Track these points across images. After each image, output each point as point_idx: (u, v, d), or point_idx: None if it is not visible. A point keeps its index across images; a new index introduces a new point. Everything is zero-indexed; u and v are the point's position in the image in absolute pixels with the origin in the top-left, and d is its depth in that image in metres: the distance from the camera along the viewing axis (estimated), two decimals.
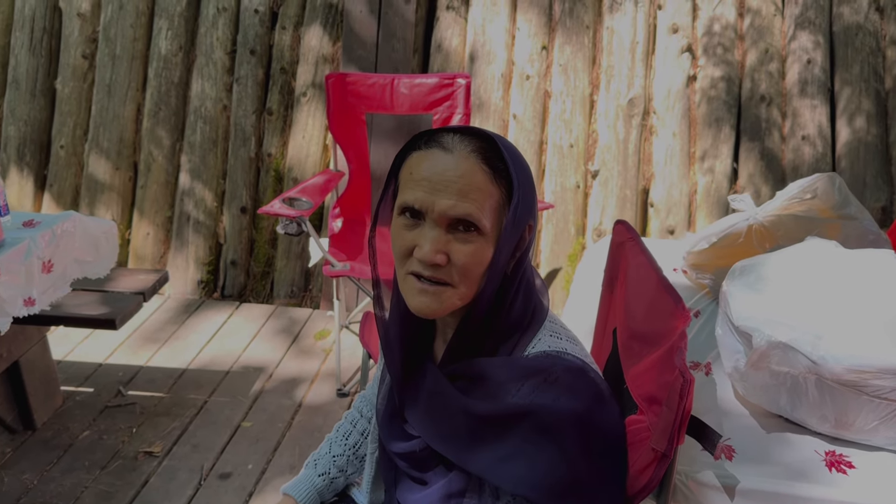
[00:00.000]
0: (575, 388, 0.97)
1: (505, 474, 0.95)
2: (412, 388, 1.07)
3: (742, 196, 1.56)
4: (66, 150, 3.49)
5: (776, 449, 1.04)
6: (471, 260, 0.95)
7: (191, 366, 2.83)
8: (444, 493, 1.04)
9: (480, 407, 0.98)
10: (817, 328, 1.00)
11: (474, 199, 0.94)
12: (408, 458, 1.09)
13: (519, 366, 0.99)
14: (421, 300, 0.96)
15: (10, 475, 2.22)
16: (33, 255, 1.79)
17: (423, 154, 0.97)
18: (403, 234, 0.97)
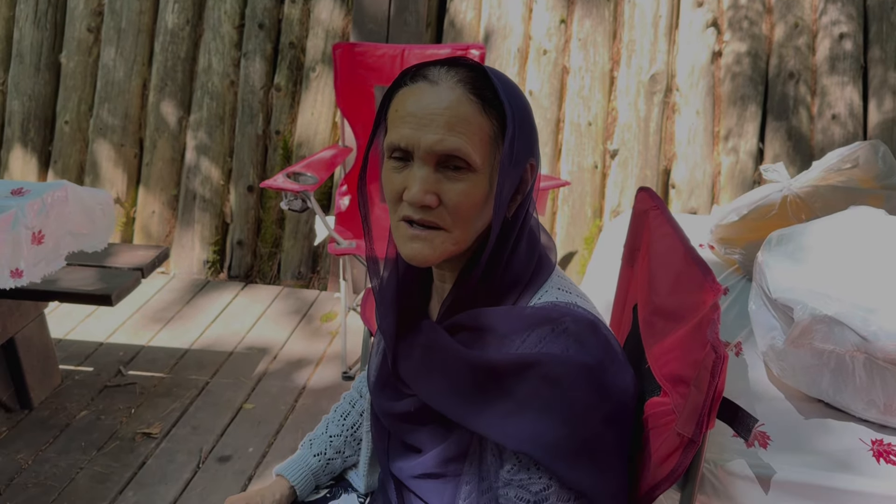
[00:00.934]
0: (586, 341, 0.88)
1: (510, 431, 0.86)
2: (406, 345, 0.98)
3: (775, 166, 1.44)
4: (71, 126, 3.42)
5: (816, 436, 0.93)
6: (463, 200, 0.87)
7: (193, 346, 2.75)
8: (440, 458, 0.95)
9: (483, 357, 0.89)
10: (868, 301, 0.89)
11: (462, 133, 0.85)
12: (401, 419, 0.99)
13: (525, 315, 0.90)
14: (413, 246, 0.88)
15: (5, 454, 2.16)
16: (20, 225, 1.71)
17: (409, 89, 0.89)
18: (393, 177, 0.89)
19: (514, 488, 0.87)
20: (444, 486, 0.95)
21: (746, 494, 0.88)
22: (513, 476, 0.87)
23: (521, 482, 0.86)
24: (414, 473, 0.97)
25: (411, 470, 0.98)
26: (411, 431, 0.99)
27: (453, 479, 0.94)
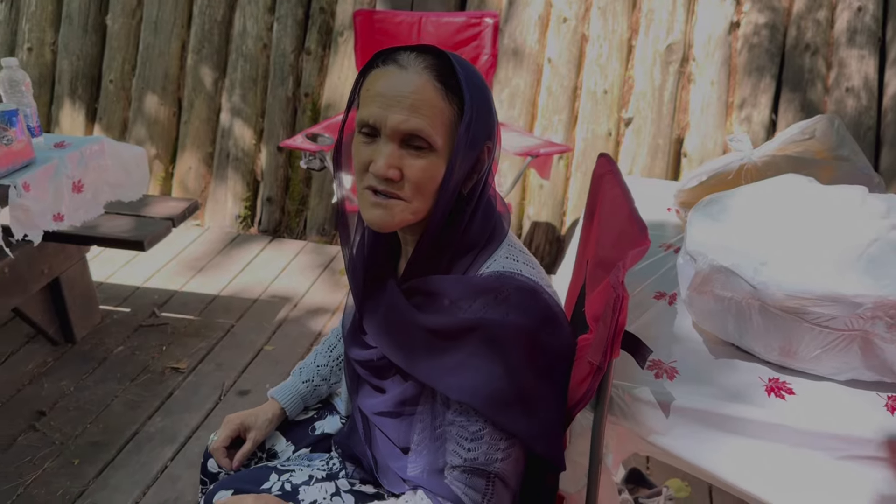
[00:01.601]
0: (524, 307, 1.01)
1: (451, 383, 1.01)
2: (372, 302, 1.12)
3: (740, 136, 1.54)
4: (115, 85, 3.64)
5: (720, 373, 1.06)
6: (422, 175, 0.98)
7: (222, 293, 2.97)
8: (398, 399, 1.11)
9: (431, 321, 1.03)
10: (762, 255, 1.00)
11: (425, 115, 0.96)
12: (367, 366, 1.15)
13: (472, 284, 1.03)
14: (374, 213, 1.00)
15: (50, 381, 2.41)
16: (62, 175, 1.92)
17: (380, 71, 0.99)
18: (361, 149, 1.00)
19: (455, 427, 1.02)
20: (400, 423, 1.11)
21: (649, 417, 1.02)
22: (455, 417, 1.02)
23: (461, 423, 1.01)
24: (376, 410, 1.14)
25: (375, 407, 1.14)
26: (375, 376, 1.15)
27: (408, 417, 1.10)
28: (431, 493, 1.03)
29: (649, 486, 1.92)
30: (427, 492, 1.04)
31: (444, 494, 1.02)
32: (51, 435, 2.18)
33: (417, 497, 1.04)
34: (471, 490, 1.01)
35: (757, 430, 1.00)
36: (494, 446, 1.00)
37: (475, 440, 1.01)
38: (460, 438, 1.02)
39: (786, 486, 0.98)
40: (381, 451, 1.15)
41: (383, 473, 1.15)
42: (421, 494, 1.04)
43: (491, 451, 1.00)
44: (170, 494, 1.98)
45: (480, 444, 1.00)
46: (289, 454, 1.33)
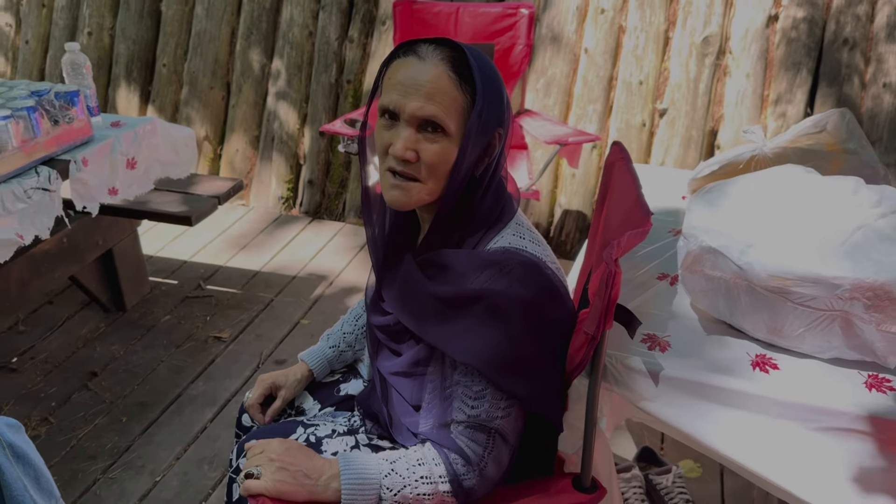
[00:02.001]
0: (527, 280, 1.10)
1: (456, 346, 1.11)
2: (391, 273, 1.24)
3: (754, 128, 1.60)
4: (168, 69, 3.81)
5: (710, 348, 1.14)
6: (436, 158, 1.08)
7: (263, 269, 3.12)
8: (412, 360, 1.22)
9: (441, 290, 1.13)
10: (751, 238, 1.07)
11: (440, 102, 1.06)
12: (385, 330, 1.26)
13: (479, 257, 1.13)
14: (393, 193, 1.11)
15: (102, 346, 2.59)
16: (117, 152, 2.07)
17: (401, 62, 1.09)
18: (382, 133, 1.11)
19: (461, 387, 1.12)
20: (413, 382, 1.22)
21: (640, 384, 1.11)
22: (460, 378, 1.12)
23: (465, 383, 1.12)
24: (392, 371, 1.25)
25: (391, 368, 1.25)
26: (392, 340, 1.26)
27: (420, 377, 1.21)
28: (438, 444, 1.14)
29: (660, 464, 2.00)
30: (434, 444, 1.15)
31: (450, 446, 1.12)
32: (101, 394, 2.36)
33: (425, 448, 1.15)
34: (473, 443, 1.12)
35: (740, 401, 1.07)
36: (496, 405, 1.10)
37: (478, 399, 1.11)
38: (465, 397, 1.12)
39: (765, 452, 1.06)
40: (396, 409, 1.26)
41: (397, 429, 1.26)
42: (428, 446, 1.15)
43: (492, 409, 1.10)
44: (208, 452, 2.13)
45: (483, 402, 1.10)
46: (315, 412, 1.46)
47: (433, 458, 1.13)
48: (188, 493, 1.98)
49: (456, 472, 1.12)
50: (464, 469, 1.12)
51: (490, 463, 1.13)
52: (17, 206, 1.78)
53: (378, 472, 1.10)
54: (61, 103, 1.93)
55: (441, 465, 1.12)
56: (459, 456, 1.12)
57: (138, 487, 2.00)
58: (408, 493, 1.10)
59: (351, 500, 1.08)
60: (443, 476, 1.12)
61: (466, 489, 1.13)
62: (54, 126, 1.92)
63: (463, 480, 1.12)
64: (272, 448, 1.12)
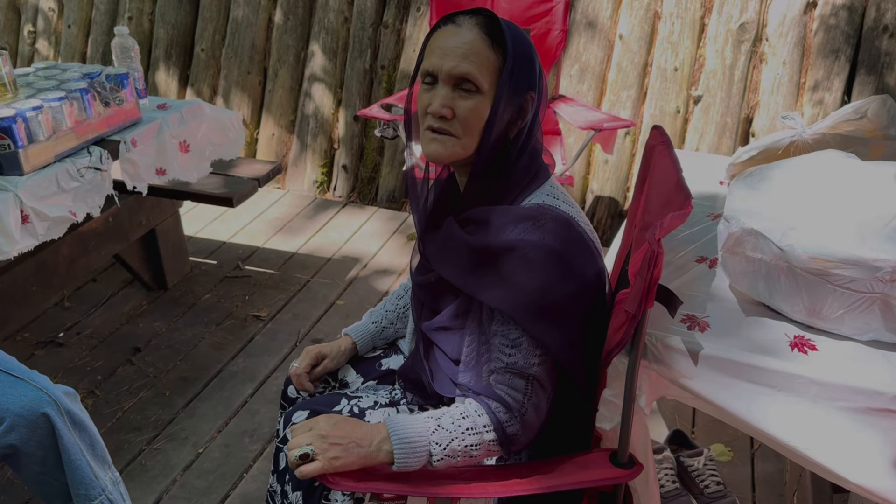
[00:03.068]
0: (559, 234, 1.17)
1: (490, 294, 1.17)
2: (433, 234, 1.30)
3: (793, 114, 1.61)
4: (206, 53, 3.88)
5: (749, 329, 1.16)
6: (470, 114, 1.15)
7: (299, 251, 3.19)
8: (451, 314, 1.28)
9: (477, 242, 1.20)
10: (792, 220, 1.09)
11: (473, 61, 1.14)
12: (426, 287, 1.32)
13: (514, 212, 1.19)
14: (431, 146, 1.18)
15: (145, 322, 2.67)
16: (165, 133, 2.13)
17: (441, 30, 1.18)
18: (423, 96, 1.19)
19: (498, 336, 1.18)
20: (453, 335, 1.27)
21: (679, 363, 1.13)
22: (497, 328, 1.18)
23: (502, 332, 1.17)
24: (433, 327, 1.31)
25: (432, 324, 1.31)
26: (434, 298, 1.32)
27: (459, 331, 1.26)
28: (479, 395, 1.19)
29: (691, 447, 2.03)
30: (475, 395, 1.19)
31: (490, 395, 1.18)
32: (145, 369, 2.44)
33: (467, 402, 1.19)
34: (512, 390, 1.17)
35: (778, 381, 1.10)
36: (532, 352, 1.16)
37: (514, 346, 1.16)
38: (502, 346, 1.18)
39: (802, 431, 1.08)
40: (438, 364, 1.32)
41: (439, 382, 1.32)
42: (469, 400, 1.20)
43: (529, 356, 1.16)
44: (249, 426, 2.19)
45: (519, 349, 1.16)
46: (358, 385, 1.51)
47: (476, 410, 1.18)
48: (230, 465, 2.05)
49: (499, 419, 1.17)
50: (506, 416, 1.17)
51: (530, 409, 1.18)
52: (70, 184, 1.85)
53: (425, 429, 1.15)
54: (111, 85, 1.99)
55: (484, 415, 1.17)
56: (500, 404, 1.17)
57: (182, 458, 2.08)
58: (456, 446, 1.15)
59: (404, 460, 1.13)
60: (487, 426, 1.17)
61: (510, 436, 1.18)
62: (105, 108, 1.99)
63: (507, 427, 1.17)
64: (320, 426, 1.16)
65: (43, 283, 2.27)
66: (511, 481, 1.20)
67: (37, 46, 4.27)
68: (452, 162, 1.21)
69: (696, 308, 1.22)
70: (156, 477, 2.02)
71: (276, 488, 1.40)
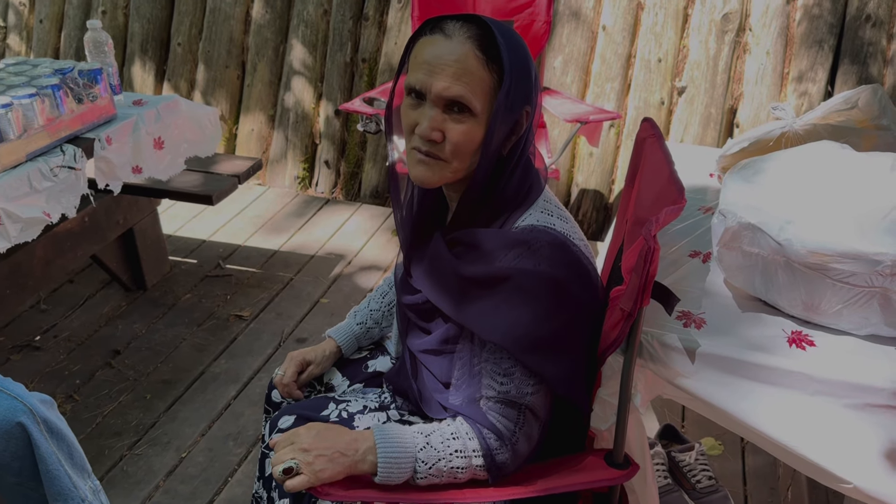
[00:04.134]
0: (555, 259, 1.10)
1: (484, 325, 1.12)
2: (419, 252, 1.24)
3: (783, 104, 1.59)
4: (183, 48, 3.80)
5: (745, 325, 1.14)
6: (462, 138, 1.07)
7: (282, 248, 3.13)
8: (441, 338, 1.22)
9: (469, 269, 1.13)
10: (789, 214, 1.07)
11: (466, 83, 1.05)
12: (414, 309, 1.27)
13: (507, 236, 1.13)
14: (418, 170, 1.11)
15: (124, 324, 2.61)
16: (141, 130, 2.07)
17: (428, 39, 1.08)
18: (409, 112, 1.10)
19: (490, 364, 1.13)
20: (443, 359, 1.22)
21: (676, 361, 1.11)
22: (490, 355, 1.13)
23: (494, 360, 1.12)
24: (422, 349, 1.25)
25: (421, 346, 1.26)
26: (422, 319, 1.26)
27: (449, 355, 1.21)
28: (470, 419, 1.15)
29: (682, 441, 2.01)
30: (466, 418, 1.15)
31: (482, 421, 1.13)
32: (125, 372, 2.38)
33: (457, 422, 1.15)
34: (504, 419, 1.13)
35: (777, 377, 1.08)
36: (525, 382, 1.11)
37: (507, 376, 1.12)
38: (494, 374, 1.13)
39: (801, 429, 1.06)
40: (426, 385, 1.27)
41: (427, 404, 1.27)
42: (461, 420, 1.16)
43: (522, 385, 1.11)
44: (233, 429, 2.15)
45: (512, 379, 1.11)
46: (344, 388, 1.47)
47: (466, 433, 1.14)
48: (214, 469, 2.01)
49: (489, 446, 1.13)
50: (496, 444, 1.13)
51: (521, 438, 1.14)
52: (43, 184, 1.79)
53: (413, 445, 1.11)
54: (85, 81, 1.93)
55: (475, 439, 1.13)
56: (492, 431, 1.13)
57: (165, 463, 2.03)
58: (442, 467, 1.12)
59: (387, 473, 1.10)
60: (476, 451, 1.13)
61: (499, 464, 1.14)
62: (78, 104, 1.92)
63: (496, 455, 1.13)
64: (302, 438, 1.11)
65: (17, 285, 2.21)
66: (505, 486, 1.17)
67: (8, 42, 4.17)
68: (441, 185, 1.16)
69: (691, 304, 1.19)
70: (138, 483, 1.96)
71: (261, 494, 1.36)
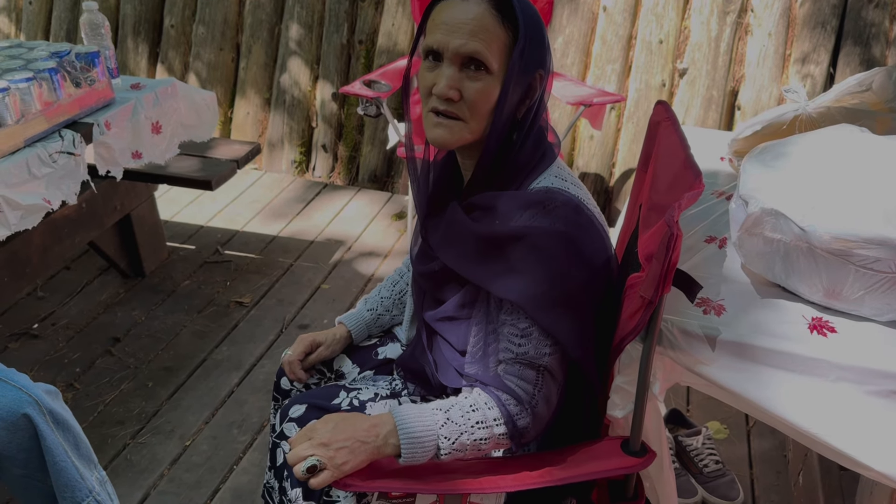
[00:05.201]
0: (570, 219, 1.11)
1: (499, 284, 1.12)
2: (436, 220, 1.24)
3: (796, 86, 1.57)
4: (176, 30, 3.74)
5: (765, 311, 1.13)
6: (479, 96, 1.08)
7: (281, 234, 3.10)
8: (457, 304, 1.23)
9: (484, 229, 1.14)
10: (813, 200, 1.05)
11: (482, 39, 1.06)
12: (429, 277, 1.26)
13: (522, 197, 1.13)
14: (436, 132, 1.11)
15: (123, 311, 2.58)
16: (140, 115, 2.03)
17: (445, 3, 1.10)
18: (426, 75, 1.11)
19: (507, 326, 1.13)
20: (458, 325, 1.22)
21: (696, 349, 1.10)
22: (506, 317, 1.13)
23: (511, 322, 1.12)
24: (437, 317, 1.25)
25: (436, 315, 1.25)
26: (437, 287, 1.26)
27: (465, 321, 1.21)
28: (488, 387, 1.14)
29: (689, 426, 2.01)
30: (483, 386, 1.15)
31: (500, 387, 1.13)
32: (125, 359, 2.36)
33: (475, 393, 1.15)
34: (522, 381, 1.12)
35: (797, 364, 1.06)
36: (542, 342, 1.11)
37: (524, 336, 1.11)
38: (511, 335, 1.13)
39: (824, 416, 1.05)
40: (443, 354, 1.27)
41: (443, 373, 1.27)
42: (478, 391, 1.15)
43: (540, 346, 1.11)
44: (237, 416, 2.13)
45: (530, 339, 1.11)
46: (354, 375, 1.45)
47: (485, 402, 1.13)
48: (219, 457, 1.99)
49: (510, 412, 1.13)
50: (517, 409, 1.13)
51: (541, 400, 1.13)
52: (43, 170, 1.76)
53: (434, 422, 1.10)
54: (82, 65, 1.89)
55: (494, 407, 1.13)
56: (511, 396, 1.13)
57: (169, 452, 2.01)
58: (465, 440, 1.11)
59: (411, 454, 1.08)
60: (497, 419, 1.12)
61: (521, 429, 1.13)
62: (76, 88, 1.88)
63: (517, 420, 1.13)
64: (319, 433, 1.08)
65: (14, 273, 2.17)
66: (522, 474, 1.16)
67: None
68: (458, 147, 1.15)
69: (709, 291, 1.18)
70: (142, 472, 1.95)
71: (273, 485, 1.34)
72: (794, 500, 1.82)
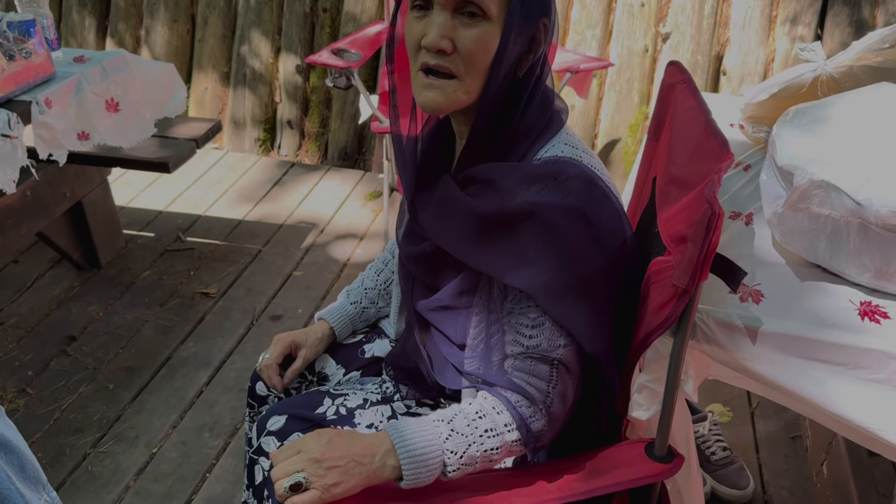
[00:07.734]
0: (584, 194, 0.96)
1: (505, 270, 0.97)
2: (426, 195, 1.07)
3: (812, 45, 1.43)
4: (126, 1, 3.48)
5: (808, 297, 1.00)
6: (475, 46, 0.92)
7: (247, 217, 2.91)
8: (454, 291, 1.07)
9: (486, 206, 0.98)
10: (867, 170, 0.92)
11: None
12: (420, 260, 1.10)
13: (528, 170, 0.98)
14: (427, 95, 0.96)
15: (78, 307, 2.38)
16: (86, 90, 1.82)
17: None
18: (413, 26, 0.96)
19: (515, 315, 0.99)
20: (456, 316, 1.07)
21: (734, 342, 0.96)
22: (514, 305, 0.99)
23: (520, 311, 0.98)
24: (431, 307, 1.09)
25: (429, 304, 1.10)
26: (429, 272, 1.10)
27: (464, 310, 1.05)
28: (495, 388, 1.00)
29: (694, 411, 1.90)
30: (489, 389, 1.01)
31: (509, 387, 0.99)
32: (83, 360, 2.17)
33: (480, 397, 1.00)
34: (534, 378, 0.98)
35: (849, 356, 0.94)
36: (556, 333, 0.97)
37: (536, 327, 0.97)
38: (520, 326, 0.99)
39: (883, 412, 0.93)
40: (439, 351, 1.12)
41: (440, 372, 1.12)
42: (483, 394, 1.01)
43: (553, 337, 0.97)
44: (207, 419, 1.96)
45: (542, 330, 0.97)
46: (339, 377, 1.30)
47: (493, 407, 0.99)
48: (190, 464, 1.83)
49: (522, 415, 0.99)
50: (529, 411, 0.99)
51: (556, 399, 0.99)
52: None
53: (436, 436, 0.95)
54: (15, 35, 1.67)
55: (504, 412, 0.99)
56: (522, 397, 0.99)
57: (134, 461, 1.84)
58: (474, 453, 0.97)
59: (414, 476, 0.94)
60: (508, 424, 0.99)
61: (536, 434, 1.00)
62: (9, 62, 1.67)
63: (531, 424, 0.99)
64: (311, 447, 0.94)
65: None
66: (538, 487, 1.03)
67: None
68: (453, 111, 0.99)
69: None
70: (105, 485, 1.78)
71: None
72: (817, 493, 1.72)
